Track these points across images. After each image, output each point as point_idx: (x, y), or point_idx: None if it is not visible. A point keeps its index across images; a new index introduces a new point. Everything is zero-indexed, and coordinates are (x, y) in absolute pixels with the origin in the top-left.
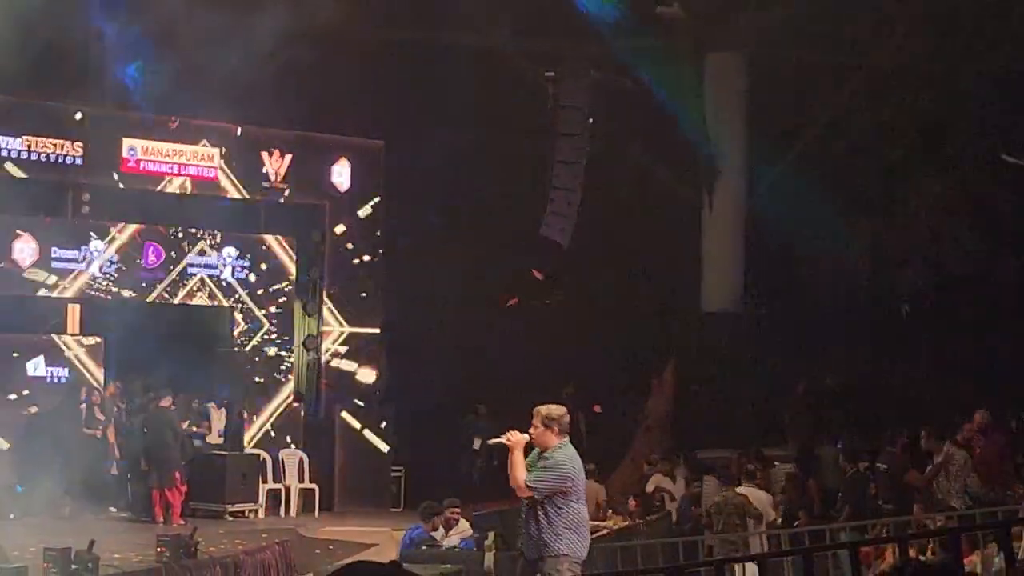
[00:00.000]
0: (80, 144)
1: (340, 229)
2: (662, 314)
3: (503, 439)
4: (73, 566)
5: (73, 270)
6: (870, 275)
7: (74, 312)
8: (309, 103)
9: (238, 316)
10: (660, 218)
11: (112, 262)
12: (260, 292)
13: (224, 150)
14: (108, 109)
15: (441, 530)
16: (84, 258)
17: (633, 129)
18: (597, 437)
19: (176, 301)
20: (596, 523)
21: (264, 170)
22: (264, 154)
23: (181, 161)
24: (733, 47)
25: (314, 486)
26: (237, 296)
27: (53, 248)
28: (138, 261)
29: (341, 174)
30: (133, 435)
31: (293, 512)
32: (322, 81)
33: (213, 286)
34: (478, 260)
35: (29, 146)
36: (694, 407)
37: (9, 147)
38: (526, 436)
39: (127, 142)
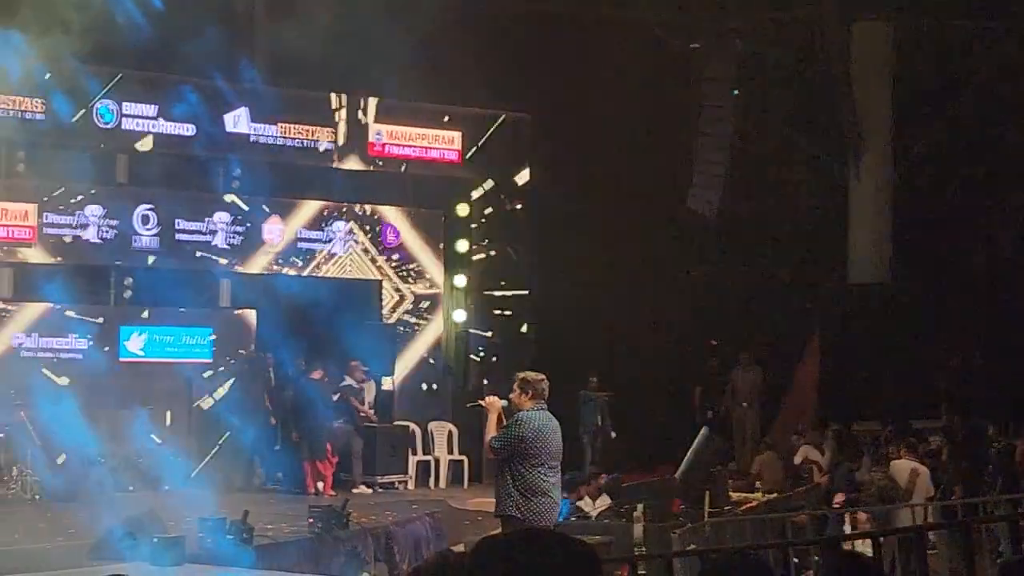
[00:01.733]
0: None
1: (487, 201)
2: (808, 286)
3: (480, 402)
4: (228, 536)
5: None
6: (1020, 244)
7: (226, 285)
8: (456, 76)
9: (387, 288)
10: (806, 189)
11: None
12: (408, 264)
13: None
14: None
15: (587, 499)
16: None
17: (779, 100)
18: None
19: (327, 274)
20: (744, 495)
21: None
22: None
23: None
24: (879, 16)
25: (463, 457)
26: (386, 268)
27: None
28: (287, 234)
29: (488, 147)
30: (285, 407)
31: (442, 483)
32: (469, 54)
33: (362, 258)
34: (624, 232)
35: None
36: (840, 379)
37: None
38: (502, 401)
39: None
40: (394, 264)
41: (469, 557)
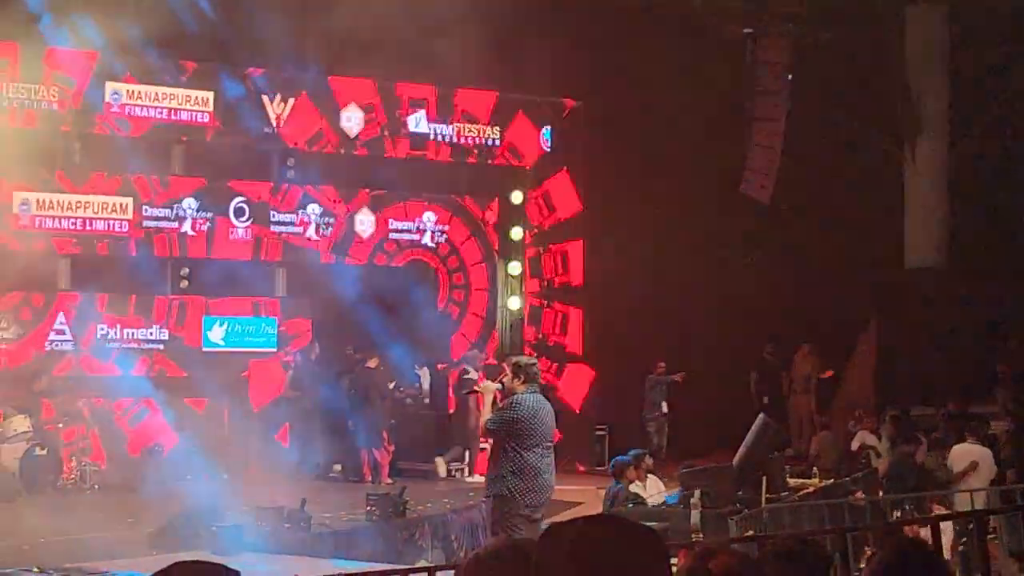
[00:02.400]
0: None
1: (540, 189)
2: (864, 271)
3: (476, 387)
4: (286, 524)
5: (282, 233)
6: None
7: (281, 275)
8: (507, 65)
9: (442, 277)
10: (861, 173)
11: (319, 225)
12: (463, 253)
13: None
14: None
15: (638, 483)
16: (301, 221)
17: (833, 84)
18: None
19: (381, 263)
20: (802, 480)
21: (465, 132)
22: (463, 116)
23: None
24: None
25: None
26: (441, 258)
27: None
28: (343, 223)
29: (541, 134)
30: (340, 396)
31: None
32: (520, 43)
33: (417, 248)
34: (678, 219)
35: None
36: (897, 364)
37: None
38: (496, 385)
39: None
40: (448, 254)
41: (537, 543)
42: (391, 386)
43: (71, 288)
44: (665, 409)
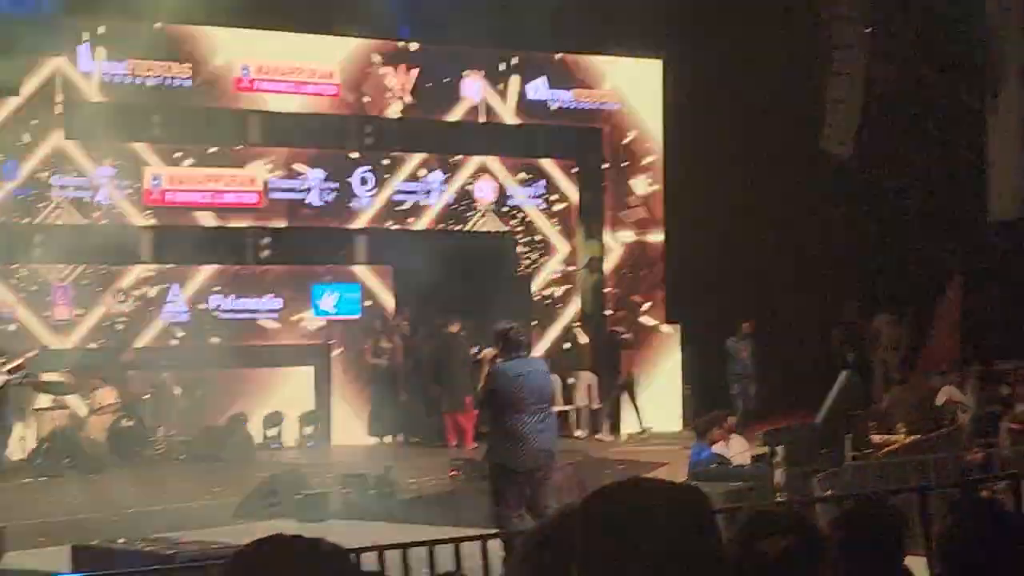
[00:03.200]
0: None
1: (619, 149)
2: (948, 224)
3: (478, 356)
4: (370, 491)
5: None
6: None
7: (362, 242)
8: (584, 22)
9: (521, 241)
10: (943, 126)
11: (399, 191)
12: (542, 216)
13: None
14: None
15: (722, 444)
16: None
17: (912, 36)
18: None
19: (460, 228)
20: (886, 437)
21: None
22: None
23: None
24: None
25: (602, 407)
26: (520, 221)
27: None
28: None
29: (618, 93)
30: (422, 362)
31: (583, 434)
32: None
33: (496, 212)
34: (757, 175)
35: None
36: (983, 318)
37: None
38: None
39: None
40: (527, 217)
41: (580, 509)
42: (473, 351)
43: (150, 260)
44: (750, 369)
